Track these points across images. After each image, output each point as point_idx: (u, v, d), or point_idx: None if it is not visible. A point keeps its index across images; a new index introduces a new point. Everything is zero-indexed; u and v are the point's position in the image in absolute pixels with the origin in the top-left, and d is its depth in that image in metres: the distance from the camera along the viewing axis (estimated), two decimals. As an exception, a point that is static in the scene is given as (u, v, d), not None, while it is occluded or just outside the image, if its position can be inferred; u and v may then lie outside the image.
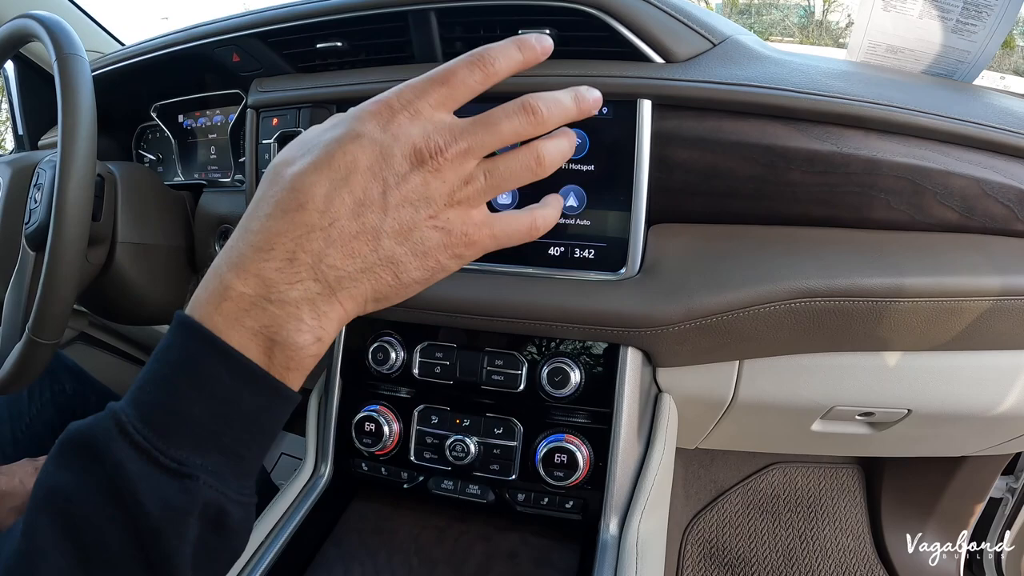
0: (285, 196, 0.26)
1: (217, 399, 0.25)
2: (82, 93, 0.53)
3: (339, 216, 0.25)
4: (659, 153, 0.52)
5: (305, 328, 0.26)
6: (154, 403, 0.25)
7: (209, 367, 0.25)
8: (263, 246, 0.25)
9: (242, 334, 0.25)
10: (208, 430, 0.25)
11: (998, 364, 0.55)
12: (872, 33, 0.65)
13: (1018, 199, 0.51)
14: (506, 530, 0.57)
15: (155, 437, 0.24)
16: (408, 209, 0.26)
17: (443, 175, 0.27)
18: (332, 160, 0.26)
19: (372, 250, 0.26)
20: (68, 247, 0.52)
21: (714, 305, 0.50)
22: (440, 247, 0.28)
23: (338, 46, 0.58)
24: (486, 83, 0.29)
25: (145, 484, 0.24)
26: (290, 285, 0.25)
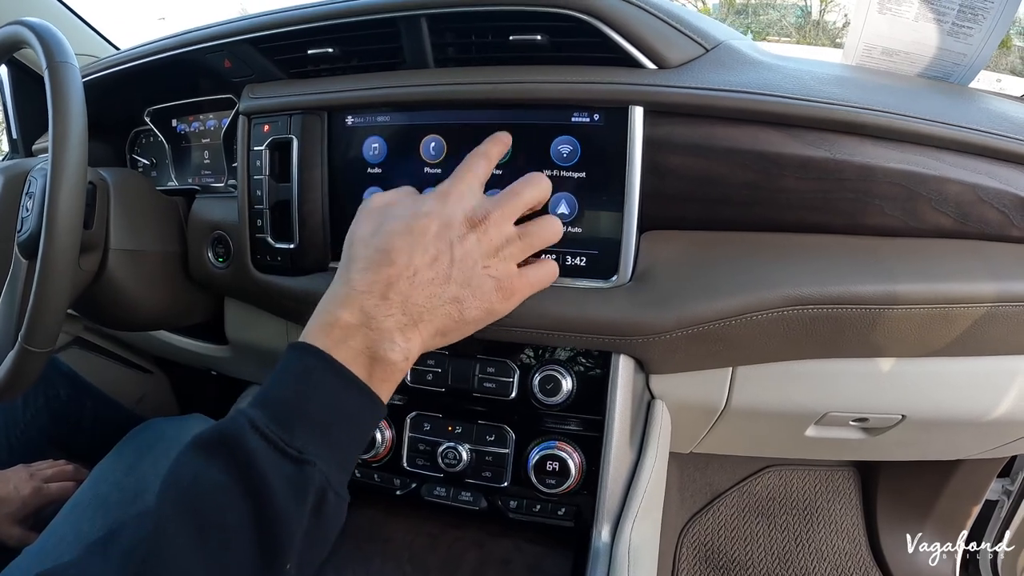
0: (376, 256, 0.36)
1: (328, 401, 0.32)
2: (73, 101, 0.53)
3: (419, 268, 0.35)
4: (651, 160, 0.51)
5: (397, 349, 0.34)
6: (278, 404, 0.32)
7: (321, 375, 0.33)
8: (364, 290, 0.35)
9: (347, 353, 0.33)
10: (321, 425, 0.32)
11: (993, 369, 0.55)
12: (867, 36, 0.65)
13: (1014, 205, 0.50)
14: (499, 536, 0.57)
15: (280, 431, 0.31)
16: (468, 261, 0.36)
17: (490, 235, 0.38)
18: (412, 228, 0.36)
19: (443, 291, 0.35)
20: (59, 256, 0.52)
21: (706, 313, 0.50)
22: (492, 292, 0.37)
23: (329, 52, 0.58)
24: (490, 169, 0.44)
25: (273, 469, 0.29)
26: (384, 316, 0.34)
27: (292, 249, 0.59)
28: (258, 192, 0.60)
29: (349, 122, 0.58)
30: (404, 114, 0.56)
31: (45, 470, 0.71)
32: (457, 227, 0.37)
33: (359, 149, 0.58)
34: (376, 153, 0.58)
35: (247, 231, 0.62)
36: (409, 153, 0.56)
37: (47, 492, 0.69)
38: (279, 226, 0.60)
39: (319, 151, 0.59)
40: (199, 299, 0.73)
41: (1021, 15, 0.62)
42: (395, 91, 0.55)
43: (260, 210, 0.60)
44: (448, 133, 0.55)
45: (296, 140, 0.58)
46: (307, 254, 0.60)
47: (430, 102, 0.55)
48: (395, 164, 0.57)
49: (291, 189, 0.59)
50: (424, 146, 0.56)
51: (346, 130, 0.58)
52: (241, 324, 0.77)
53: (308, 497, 0.30)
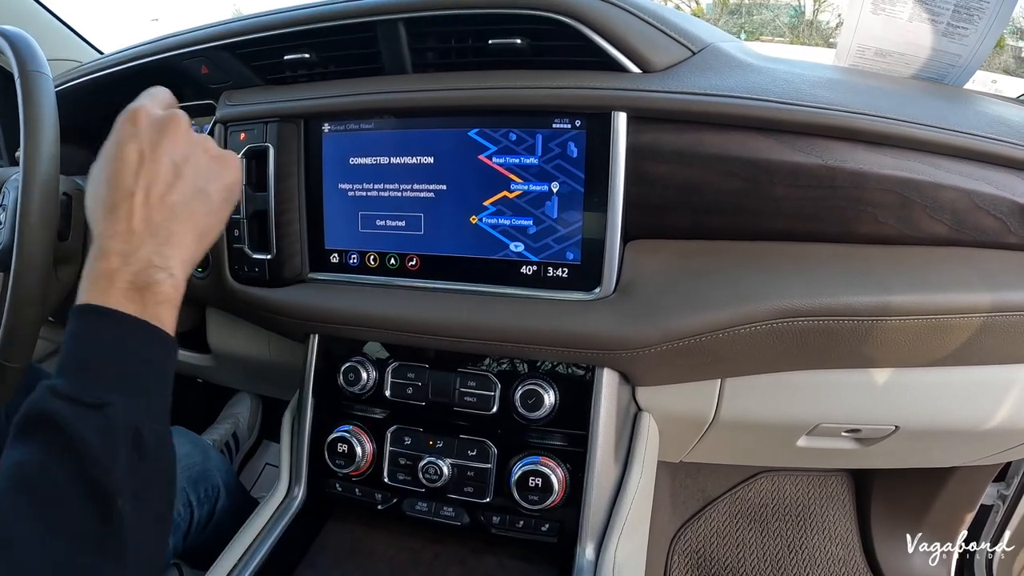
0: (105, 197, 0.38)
1: (110, 345, 0.34)
2: (44, 111, 0.52)
3: (147, 188, 0.37)
4: (635, 168, 0.50)
5: (159, 272, 0.36)
6: (70, 366, 0.34)
7: (97, 325, 0.34)
8: (108, 233, 0.36)
9: (115, 296, 0.35)
10: (110, 372, 0.34)
11: (988, 379, 0.54)
12: (861, 36, 0.63)
13: (1011, 211, 0.49)
14: (482, 553, 0.56)
15: (75, 388, 0.33)
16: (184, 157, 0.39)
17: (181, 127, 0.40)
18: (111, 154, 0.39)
19: (179, 198, 0.37)
20: (32, 270, 0.51)
21: (692, 326, 0.48)
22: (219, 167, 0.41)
23: (306, 58, 0.57)
24: None
25: (77, 421, 0.31)
26: (137, 247, 0.35)
27: (269, 260, 0.58)
28: (235, 201, 0.59)
29: (326, 129, 0.57)
30: (382, 120, 0.55)
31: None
32: (146, 134, 0.38)
33: (336, 157, 0.57)
34: (353, 161, 0.56)
35: (224, 241, 0.61)
36: (387, 160, 0.55)
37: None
38: (257, 236, 0.59)
39: (296, 160, 0.57)
40: (180, 309, 0.72)
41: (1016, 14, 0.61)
42: (372, 98, 0.54)
43: (237, 220, 0.59)
44: (427, 140, 0.54)
45: (272, 148, 0.57)
46: (284, 265, 0.59)
47: (408, 109, 0.54)
48: (373, 171, 0.56)
49: (268, 198, 0.57)
50: (402, 152, 0.54)
51: (323, 138, 0.57)
52: (223, 333, 0.76)
53: (117, 435, 0.32)
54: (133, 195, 0.36)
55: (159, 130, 0.39)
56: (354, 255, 0.58)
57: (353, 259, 0.58)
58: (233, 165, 0.41)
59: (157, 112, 0.40)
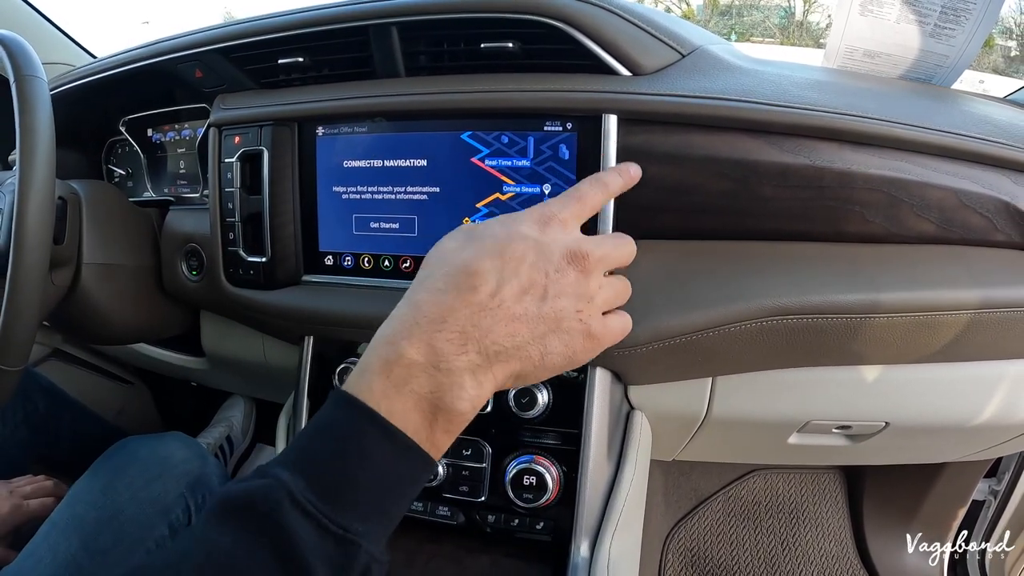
0: (459, 277, 0.30)
1: (380, 471, 0.28)
2: (40, 116, 0.52)
3: (506, 299, 0.30)
4: (626, 170, 0.50)
5: (466, 396, 0.29)
6: (320, 472, 0.27)
7: (374, 442, 0.28)
8: (436, 319, 0.29)
9: (407, 401, 0.28)
10: (371, 498, 0.28)
11: (977, 375, 0.55)
12: (849, 38, 0.64)
13: (997, 209, 0.50)
14: (477, 552, 0.56)
15: (323, 505, 0.26)
16: (563, 300, 0.31)
17: (590, 277, 0.32)
18: (504, 251, 0.31)
19: (529, 331, 0.30)
20: (28, 274, 0.51)
21: (682, 326, 0.49)
22: (579, 339, 0.32)
23: (300, 61, 0.57)
24: (606, 199, 0.38)
25: (314, 549, 0.26)
26: (457, 356, 0.28)
27: (264, 263, 0.58)
28: (230, 205, 0.59)
29: (320, 133, 0.57)
30: (375, 124, 0.55)
31: (24, 487, 0.70)
32: (556, 260, 0.31)
33: (330, 160, 0.57)
34: (347, 164, 0.57)
35: (219, 244, 0.61)
36: (381, 163, 0.56)
37: (27, 509, 0.68)
38: (251, 239, 0.59)
39: (290, 163, 0.58)
40: (175, 312, 0.72)
41: (1004, 12, 0.61)
42: (365, 101, 0.54)
43: (232, 223, 0.59)
44: (420, 143, 0.54)
45: (267, 152, 0.57)
46: (279, 267, 0.59)
47: (401, 112, 0.54)
48: (366, 174, 0.56)
49: (262, 202, 0.58)
50: (396, 155, 0.55)
51: (317, 141, 0.57)
52: (217, 336, 0.76)
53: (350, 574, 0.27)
54: (484, 303, 0.30)
55: (569, 259, 0.32)
56: (348, 257, 0.59)
57: (347, 261, 0.59)
58: (593, 346, 0.34)
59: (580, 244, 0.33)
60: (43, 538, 0.56)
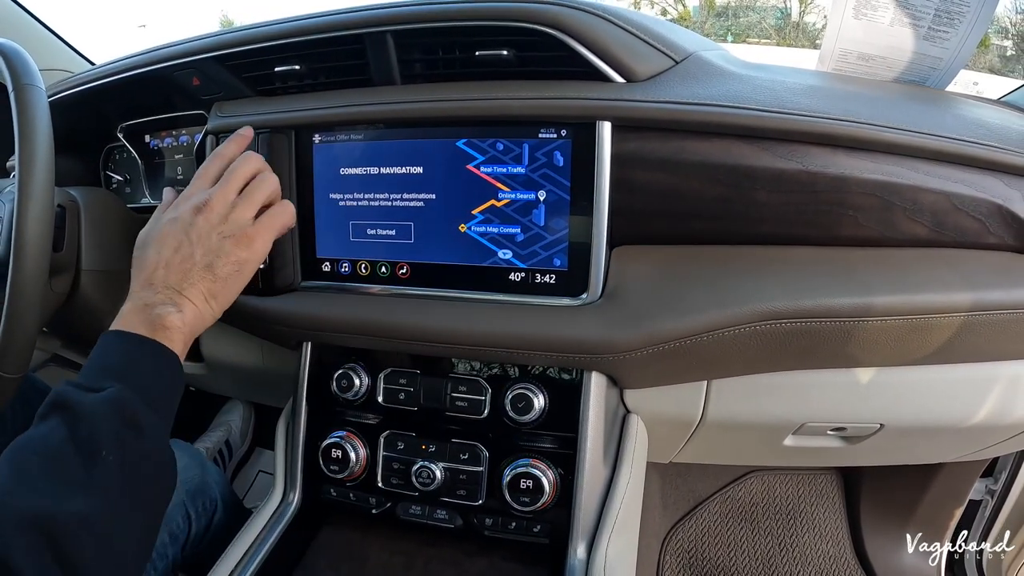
0: (139, 262, 0.47)
1: (117, 353, 0.42)
2: (39, 125, 0.52)
3: (167, 258, 0.46)
4: (620, 176, 0.51)
5: (170, 313, 0.44)
6: (84, 368, 0.42)
7: (111, 342, 0.43)
8: (136, 288, 0.46)
9: (134, 324, 0.44)
10: (115, 369, 0.41)
11: (970, 376, 0.55)
12: (843, 41, 0.64)
13: (989, 212, 0.50)
14: (475, 555, 0.57)
15: (84, 379, 0.40)
16: (202, 235, 0.47)
17: (214, 210, 0.48)
18: (154, 234, 0.48)
19: (193, 265, 0.46)
20: (28, 282, 0.52)
21: (676, 330, 0.49)
22: (233, 247, 0.47)
23: (296, 69, 0.57)
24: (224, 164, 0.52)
25: (78, 398, 0.38)
26: (153, 297, 0.45)
27: (262, 269, 0.59)
28: (227, 211, 0.59)
29: (316, 140, 0.57)
30: (371, 131, 0.56)
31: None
32: (186, 217, 0.47)
33: (326, 167, 0.58)
34: (344, 171, 0.57)
35: (218, 251, 0.61)
36: (377, 170, 0.56)
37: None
38: (249, 246, 0.60)
39: (287, 170, 0.58)
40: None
41: (999, 12, 0.61)
42: (362, 109, 0.55)
43: (230, 229, 0.60)
44: (415, 150, 0.54)
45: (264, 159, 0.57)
46: (277, 274, 0.59)
47: (396, 120, 0.54)
48: (363, 181, 0.57)
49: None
50: (392, 162, 0.55)
51: (313, 148, 0.58)
52: (215, 341, 0.76)
53: (108, 408, 0.38)
54: (157, 263, 0.46)
55: (195, 213, 0.47)
56: (345, 264, 0.59)
57: (344, 268, 0.59)
58: (250, 245, 0.48)
59: (202, 197, 0.48)
60: None
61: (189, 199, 0.49)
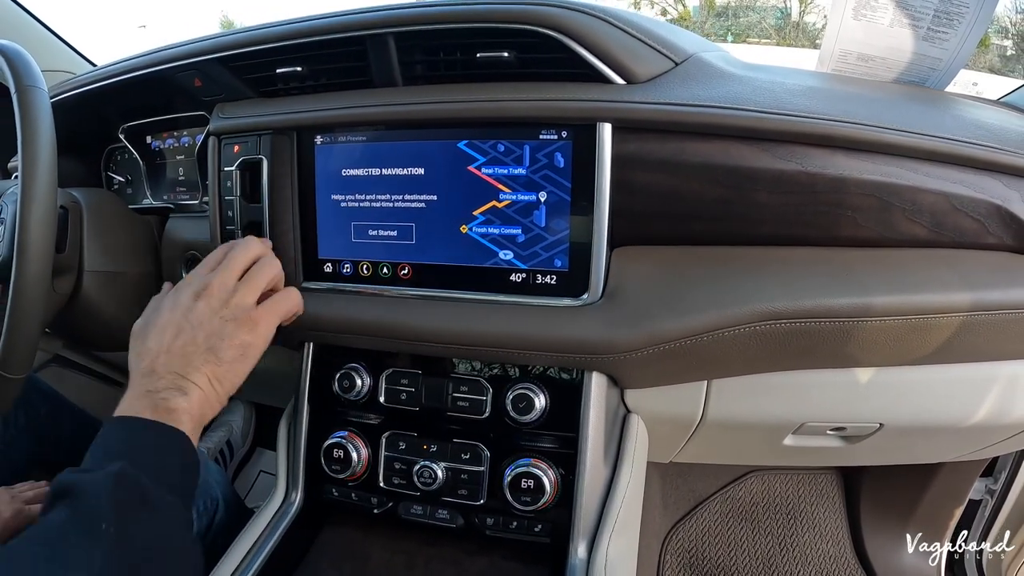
0: (140, 349, 0.46)
1: (120, 438, 0.41)
2: (42, 126, 0.53)
3: (168, 343, 0.45)
4: (620, 177, 0.51)
5: (175, 396, 0.43)
6: (89, 454, 0.40)
7: (114, 428, 0.42)
8: (140, 375, 0.45)
9: (139, 410, 0.42)
10: (120, 451, 0.39)
11: (970, 376, 0.55)
12: (843, 42, 0.64)
13: (988, 212, 0.50)
14: (475, 554, 0.57)
15: (91, 465, 0.39)
16: (203, 320, 0.46)
17: (214, 294, 0.47)
18: (154, 322, 0.47)
19: (195, 349, 0.45)
20: (31, 284, 0.52)
21: (676, 330, 0.49)
22: (236, 330, 0.46)
23: (298, 70, 0.58)
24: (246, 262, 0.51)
25: (83, 482, 0.36)
26: (157, 382, 0.43)
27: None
28: (229, 213, 0.60)
29: (319, 141, 0.58)
30: (373, 132, 0.56)
31: (26, 492, 0.71)
32: (186, 302, 0.46)
33: (328, 168, 0.58)
34: (345, 172, 0.57)
35: (220, 252, 0.61)
36: (379, 171, 0.56)
37: (28, 514, 0.68)
38: (251, 247, 0.60)
39: (289, 171, 0.58)
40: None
41: (1000, 12, 0.61)
42: (363, 111, 0.55)
43: (232, 231, 0.60)
44: (417, 151, 0.55)
45: (266, 160, 0.58)
46: (279, 275, 0.59)
47: (398, 121, 0.55)
48: (364, 183, 0.57)
49: (262, 210, 0.58)
50: (393, 164, 0.55)
51: (315, 150, 0.58)
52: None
53: (112, 480, 0.36)
54: (158, 350, 0.45)
55: (194, 297, 0.46)
56: (347, 264, 0.59)
57: (346, 268, 0.59)
58: (253, 329, 0.47)
59: (201, 282, 0.47)
60: None
61: (189, 285, 0.48)
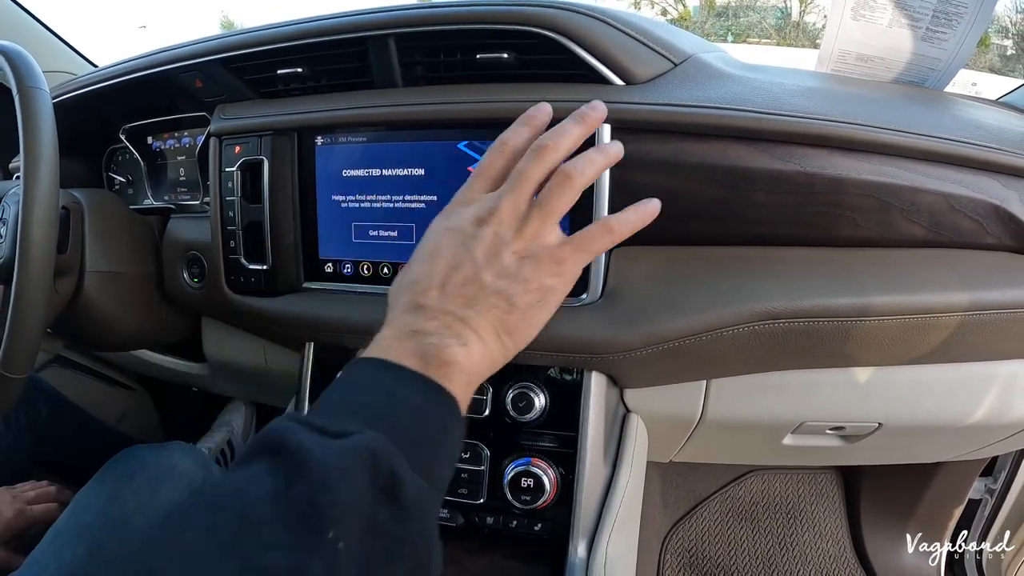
0: (406, 283, 0.36)
1: (374, 388, 0.30)
2: (43, 127, 0.53)
3: (444, 279, 0.34)
4: (619, 177, 0.51)
5: (451, 345, 0.32)
6: (323, 402, 0.30)
7: (366, 371, 0.31)
8: (402, 311, 0.34)
9: (402, 354, 0.31)
10: (371, 411, 0.29)
11: (968, 375, 0.55)
12: (842, 42, 0.64)
13: (986, 212, 0.50)
14: (476, 553, 0.57)
15: (325, 419, 0.28)
16: (491, 254, 0.35)
17: (504, 222, 0.35)
18: (426, 249, 0.36)
19: (479, 290, 0.34)
20: (33, 284, 0.52)
21: (675, 330, 0.50)
22: (535, 270, 0.35)
23: (299, 72, 0.58)
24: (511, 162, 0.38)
25: (311, 446, 0.25)
26: (427, 322, 0.33)
27: (265, 270, 0.59)
28: (230, 213, 0.60)
29: (319, 142, 0.58)
30: (373, 133, 0.56)
31: (28, 492, 0.71)
32: (466, 227, 0.36)
33: (329, 169, 0.58)
34: (346, 173, 0.57)
35: (220, 252, 0.62)
36: (379, 172, 0.56)
37: (30, 514, 0.69)
38: (252, 247, 0.60)
39: (290, 172, 0.58)
40: (176, 318, 0.73)
41: (999, 11, 0.62)
42: (364, 111, 0.55)
43: (233, 231, 0.60)
44: (417, 152, 0.55)
45: (267, 161, 0.58)
46: (280, 275, 0.60)
47: (398, 122, 0.55)
48: (364, 184, 0.57)
49: (263, 210, 0.59)
50: (394, 164, 0.56)
51: (316, 150, 0.58)
52: (219, 342, 0.77)
53: (357, 461, 0.25)
54: (428, 282, 0.35)
55: (477, 223, 0.36)
56: (348, 265, 0.59)
57: (347, 269, 0.60)
58: (557, 270, 0.35)
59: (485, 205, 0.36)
60: (47, 545, 0.56)
61: (467, 205, 0.37)
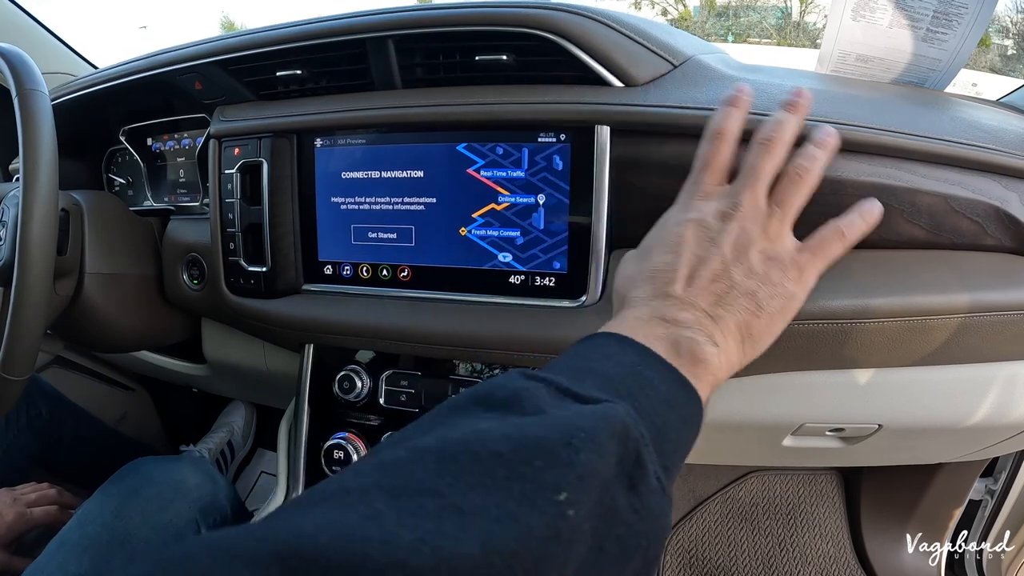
0: (647, 271, 0.35)
1: (624, 364, 0.29)
2: (43, 129, 0.53)
3: (692, 271, 0.33)
4: (619, 179, 0.51)
5: (704, 342, 0.31)
6: (566, 367, 0.28)
7: (614, 346, 0.30)
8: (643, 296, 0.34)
9: (653, 339, 0.30)
10: (620, 385, 0.27)
11: (969, 377, 0.55)
12: (842, 43, 0.64)
13: (987, 214, 0.50)
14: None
15: (569, 381, 0.26)
16: (740, 251, 0.33)
17: (748, 218, 0.34)
18: (667, 238, 0.36)
19: (730, 288, 0.33)
20: (33, 286, 0.52)
21: (675, 332, 0.49)
22: (781, 274, 0.34)
23: (298, 74, 0.58)
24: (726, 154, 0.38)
25: (556, 403, 0.25)
26: (679, 311, 0.32)
27: (265, 272, 0.59)
28: (230, 215, 0.60)
29: (318, 144, 0.58)
30: (372, 135, 0.56)
31: (28, 494, 0.71)
32: (713, 222, 0.34)
33: (328, 171, 0.58)
34: (345, 175, 0.57)
35: (220, 254, 0.62)
36: (378, 174, 0.56)
37: (31, 517, 0.69)
38: (252, 249, 0.60)
39: (289, 174, 0.58)
40: (176, 320, 0.73)
41: (1000, 11, 0.61)
42: (363, 113, 0.55)
43: (232, 233, 0.60)
44: (416, 154, 0.55)
45: (266, 163, 0.58)
46: (279, 277, 0.60)
47: (397, 124, 0.55)
48: (364, 185, 0.57)
49: (262, 212, 0.59)
50: (393, 166, 0.56)
51: (315, 152, 0.58)
52: (218, 343, 0.77)
53: (607, 427, 0.23)
54: (675, 272, 0.33)
55: (722, 218, 0.34)
56: (347, 267, 0.59)
57: (346, 271, 0.60)
58: (800, 277, 0.34)
59: (728, 200, 0.35)
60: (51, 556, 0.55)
61: (706, 199, 0.36)
